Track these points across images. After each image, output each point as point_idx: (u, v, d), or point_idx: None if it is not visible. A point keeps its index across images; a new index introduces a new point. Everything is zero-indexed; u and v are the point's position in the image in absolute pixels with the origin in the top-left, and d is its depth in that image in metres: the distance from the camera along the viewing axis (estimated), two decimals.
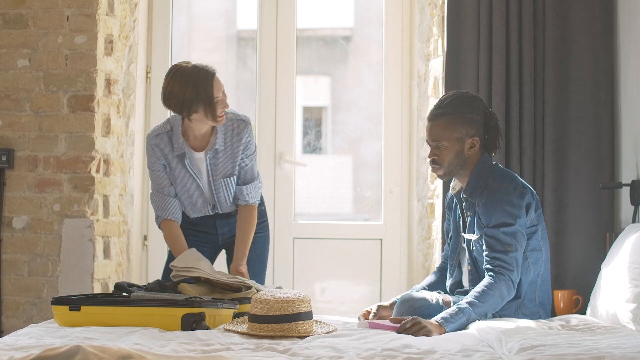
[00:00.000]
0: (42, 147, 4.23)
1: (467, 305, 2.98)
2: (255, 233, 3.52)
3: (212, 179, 3.43)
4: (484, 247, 3.12)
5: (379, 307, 3.32)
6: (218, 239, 3.58)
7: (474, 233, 3.18)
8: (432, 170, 3.30)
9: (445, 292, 3.38)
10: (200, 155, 3.41)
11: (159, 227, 3.50)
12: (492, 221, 3.11)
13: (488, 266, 3.09)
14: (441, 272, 3.47)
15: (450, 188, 3.35)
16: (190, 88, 3.25)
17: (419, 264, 4.46)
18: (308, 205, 4.85)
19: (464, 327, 2.96)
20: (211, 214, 3.52)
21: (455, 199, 3.33)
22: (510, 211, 3.11)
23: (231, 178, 3.44)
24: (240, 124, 3.43)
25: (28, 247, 4.21)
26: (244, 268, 3.43)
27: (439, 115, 3.21)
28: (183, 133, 3.40)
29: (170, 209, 3.46)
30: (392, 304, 3.33)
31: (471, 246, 3.21)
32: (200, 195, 3.46)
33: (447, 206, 3.45)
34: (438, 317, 2.94)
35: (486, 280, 3.07)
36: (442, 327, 2.90)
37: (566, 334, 2.78)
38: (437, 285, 3.44)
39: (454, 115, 3.19)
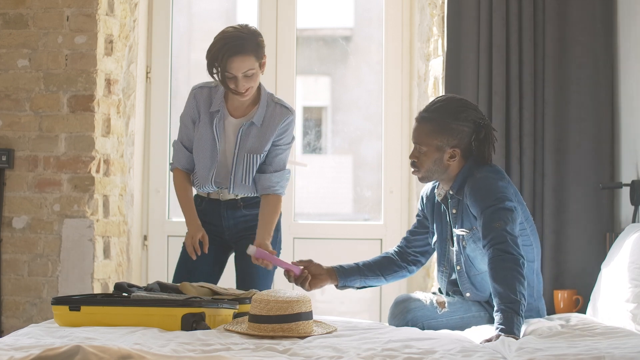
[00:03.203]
0: (42, 147, 4.23)
1: (497, 303, 2.89)
2: None
3: (238, 150, 3.39)
4: (482, 241, 3.06)
5: (312, 263, 3.31)
6: (224, 233, 3.50)
7: (463, 227, 3.16)
8: (412, 172, 3.25)
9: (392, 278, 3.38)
10: (235, 122, 3.39)
11: (171, 171, 3.51)
12: (479, 211, 3.05)
13: (485, 258, 3.02)
14: (398, 258, 3.40)
15: (436, 195, 3.31)
16: (213, 51, 3.25)
17: None
18: (308, 205, 4.85)
19: (520, 317, 2.84)
20: (213, 189, 3.44)
21: (442, 205, 3.29)
22: (492, 194, 3.05)
23: (256, 155, 3.39)
24: (282, 110, 3.40)
25: (28, 247, 4.21)
26: (268, 243, 3.31)
27: (423, 120, 3.16)
28: (225, 94, 3.39)
29: (182, 159, 3.45)
30: (328, 269, 3.31)
31: (463, 242, 3.18)
32: (209, 161, 3.40)
33: (426, 208, 3.39)
34: (499, 331, 2.79)
35: (488, 272, 2.99)
36: (514, 335, 2.77)
37: (566, 334, 2.78)
38: (391, 272, 3.38)
39: (437, 122, 3.12)
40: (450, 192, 3.18)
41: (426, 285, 4.36)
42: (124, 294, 3.08)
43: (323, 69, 4.95)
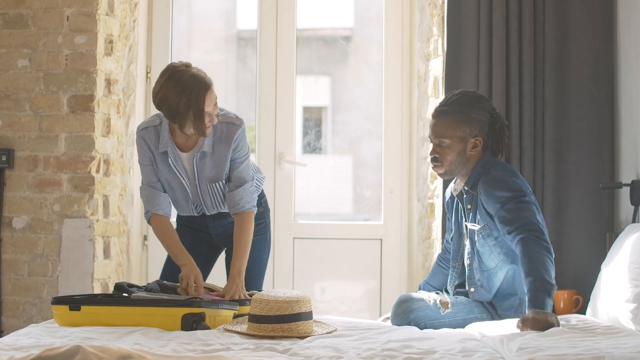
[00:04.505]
0: (42, 147, 4.23)
1: (531, 282, 2.86)
2: (253, 236, 3.41)
3: (198, 182, 3.32)
4: (502, 228, 3.05)
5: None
6: (213, 239, 3.51)
7: (476, 223, 3.17)
8: (432, 169, 3.29)
9: (443, 284, 3.45)
10: (187, 156, 3.30)
11: (149, 222, 3.39)
12: (500, 202, 3.07)
13: (514, 239, 3.00)
14: (441, 262, 3.52)
15: (452, 190, 3.34)
16: (184, 99, 3.11)
17: (419, 264, 4.46)
18: (308, 205, 4.85)
19: (549, 297, 2.84)
20: (196, 214, 3.43)
21: (456, 199, 3.32)
22: (515, 187, 3.09)
23: (218, 183, 3.31)
24: (230, 127, 3.27)
25: (28, 247, 4.21)
26: (238, 288, 3.21)
27: (443, 113, 3.21)
28: (171, 130, 3.28)
29: (159, 203, 3.35)
30: None
31: (475, 237, 3.19)
32: (182, 194, 3.36)
33: (447, 206, 3.44)
34: (531, 309, 2.80)
35: (519, 252, 2.96)
36: (545, 312, 2.78)
37: (566, 334, 2.78)
38: (437, 277, 3.51)
39: (458, 113, 3.18)
40: (465, 188, 3.21)
41: None
42: (124, 294, 3.08)
43: (323, 69, 4.95)
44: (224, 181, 3.32)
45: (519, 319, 2.82)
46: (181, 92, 3.12)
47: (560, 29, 3.91)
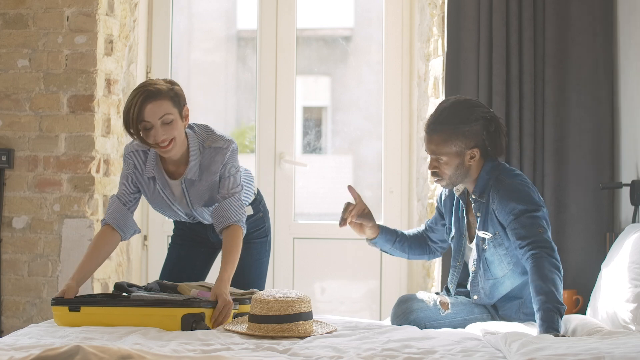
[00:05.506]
0: (42, 147, 4.23)
1: (542, 301, 2.86)
2: (253, 239, 3.42)
3: (192, 206, 3.25)
4: (515, 241, 3.04)
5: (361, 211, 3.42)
6: (212, 243, 3.49)
7: (487, 231, 3.15)
8: (435, 181, 3.25)
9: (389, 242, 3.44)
10: (175, 183, 3.22)
11: (102, 226, 3.25)
12: (514, 214, 3.05)
13: (525, 255, 3.00)
14: (422, 237, 3.48)
15: (454, 190, 3.31)
16: (128, 101, 3.04)
17: (419, 263, 4.46)
18: (308, 205, 4.84)
19: (561, 318, 2.85)
20: (191, 221, 3.40)
21: (457, 199, 3.30)
22: (529, 200, 3.06)
23: (211, 207, 3.24)
24: (217, 152, 3.17)
25: (28, 247, 4.21)
26: (223, 294, 2.97)
27: (435, 131, 3.13)
28: (160, 156, 3.20)
29: (120, 222, 3.21)
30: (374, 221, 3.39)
31: (484, 245, 3.17)
32: (172, 213, 3.33)
33: (444, 204, 3.40)
34: (543, 332, 2.80)
35: (529, 268, 2.96)
36: (560, 333, 2.78)
37: (566, 335, 2.78)
38: (409, 242, 3.45)
39: (450, 131, 3.10)
40: (473, 196, 3.18)
41: (426, 285, 4.36)
42: (123, 294, 3.08)
43: (323, 69, 4.95)
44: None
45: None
46: (129, 97, 3.07)
47: (560, 29, 3.91)
